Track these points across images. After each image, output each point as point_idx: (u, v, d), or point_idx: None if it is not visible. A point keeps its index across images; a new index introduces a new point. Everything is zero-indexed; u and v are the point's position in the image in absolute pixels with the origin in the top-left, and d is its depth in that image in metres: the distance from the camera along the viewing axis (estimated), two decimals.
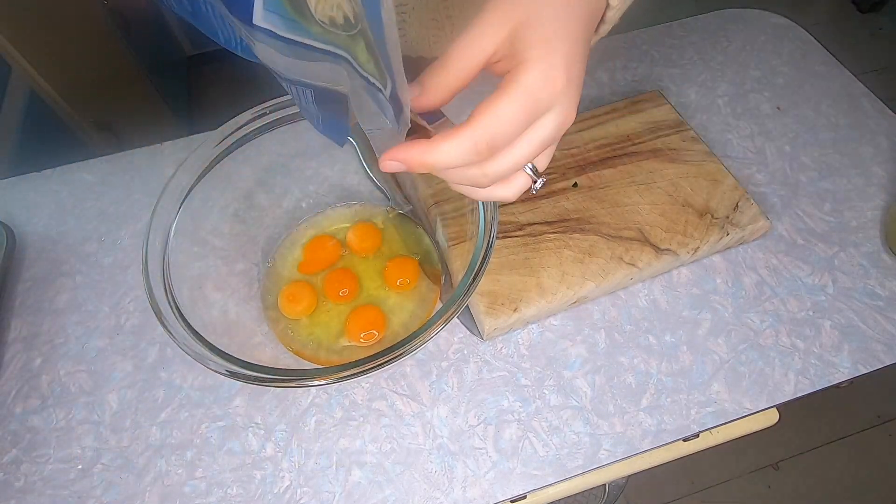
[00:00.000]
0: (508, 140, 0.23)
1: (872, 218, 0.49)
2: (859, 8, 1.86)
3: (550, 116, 0.23)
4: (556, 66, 0.22)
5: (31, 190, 0.54)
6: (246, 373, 0.32)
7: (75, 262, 0.49)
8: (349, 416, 0.41)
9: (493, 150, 0.23)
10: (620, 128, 0.51)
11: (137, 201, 0.52)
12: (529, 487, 0.38)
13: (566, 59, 0.23)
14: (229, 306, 0.41)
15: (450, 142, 0.23)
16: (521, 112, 0.22)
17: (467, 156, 0.23)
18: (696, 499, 1.09)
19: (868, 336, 0.43)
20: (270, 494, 0.38)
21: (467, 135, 0.22)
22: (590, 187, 0.47)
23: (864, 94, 0.57)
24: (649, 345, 0.43)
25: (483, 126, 0.22)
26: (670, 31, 0.64)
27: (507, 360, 0.43)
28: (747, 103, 0.57)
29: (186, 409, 0.41)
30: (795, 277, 0.46)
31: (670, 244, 0.44)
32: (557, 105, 0.23)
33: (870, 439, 1.15)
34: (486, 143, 0.22)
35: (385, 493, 0.38)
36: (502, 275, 0.43)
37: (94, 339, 0.45)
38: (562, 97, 0.23)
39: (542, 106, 0.23)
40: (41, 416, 0.41)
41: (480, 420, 0.40)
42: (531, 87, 0.22)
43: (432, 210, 0.46)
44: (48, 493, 0.39)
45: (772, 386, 0.41)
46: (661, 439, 0.39)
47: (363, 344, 0.42)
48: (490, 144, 0.23)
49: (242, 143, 0.40)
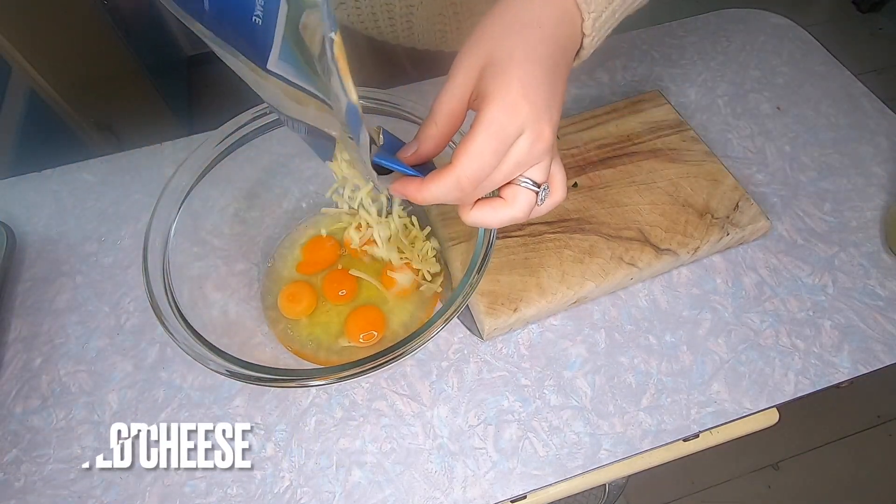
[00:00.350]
0: (487, 172, 0.26)
1: (872, 218, 0.49)
2: (859, 8, 1.86)
3: (521, 140, 0.26)
4: (514, 96, 0.25)
5: (31, 190, 0.54)
6: (246, 373, 0.32)
7: (75, 262, 0.49)
8: (349, 416, 0.41)
9: (475, 184, 0.26)
10: (620, 128, 0.51)
11: (137, 201, 0.52)
12: (529, 487, 0.38)
13: (523, 87, 0.25)
14: (229, 306, 0.41)
15: (436, 183, 0.26)
16: (491, 145, 0.25)
17: (453, 192, 0.26)
18: (696, 499, 1.09)
19: (868, 336, 0.43)
20: (270, 494, 0.38)
21: (451, 175, 0.25)
22: (590, 187, 0.47)
23: (864, 94, 0.57)
24: (649, 345, 0.43)
25: (462, 166, 0.25)
26: (670, 31, 0.64)
27: (507, 360, 0.43)
28: (747, 103, 0.57)
29: (186, 409, 0.41)
30: (795, 277, 0.46)
31: (670, 244, 0.44)
32: (526, 129, 0.25)
33: (870, 439, 1.15)
34: (467, 179, 0.25)
35: (385, 493, 0.38)
36: (502, 275, 0.43)
37: (94, 339, 0.45)
38: (528, 122, 0.25)
39: (511, 133, 0.25)
40: (41, 416, 0.41)
41: (480, 420, 0.40)
42: (495, 120, 0.25)
43: (432, 210, 0.46)
44: (48, 493, 0.39)
45: (772, 386, 0.41)
46: (661, 439, 0.39)
47: (363, 344, 0.42)
48: (471, 179, 0.25)
49: (242, 143, 0.40)
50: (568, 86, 0.61)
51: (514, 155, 0.26)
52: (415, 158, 0.28)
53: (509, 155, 0.26)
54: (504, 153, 0.26)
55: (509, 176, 0.27)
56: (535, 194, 0.28)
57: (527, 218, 0.29)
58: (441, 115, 0.27)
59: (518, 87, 0.25)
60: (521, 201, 0.28)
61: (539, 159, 0.27)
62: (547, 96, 0.26)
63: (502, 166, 0.26)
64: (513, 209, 0.28)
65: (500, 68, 0.25)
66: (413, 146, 0.28)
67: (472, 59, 0.26)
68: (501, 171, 0.26)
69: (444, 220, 0.45)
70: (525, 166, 0.27)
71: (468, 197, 0.27)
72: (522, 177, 0.27)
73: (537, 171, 0.27)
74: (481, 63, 0.26)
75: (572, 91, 0.58)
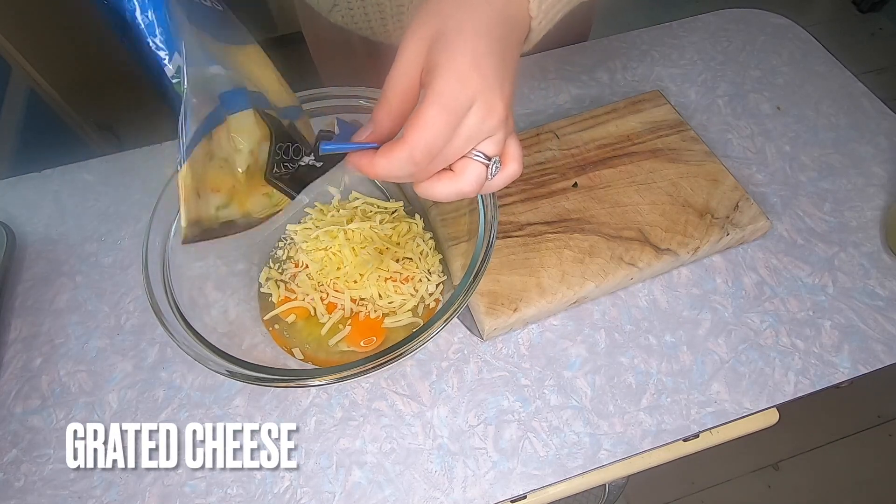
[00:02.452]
0: (440, 145, 0.25)
1: (872, 218, 0.49)
2: (859, 8, 1.86)
3: (472, 113, 0.25)
4: (464, 67, 0.24)
5: (31, 190, 0.54)
6: (246, 373, 0.32)
7: (75, 262, 0.49)
8: (349, 416, 0.41)
9: (428, 157, 0.25)
10: (620, 128, 0.51)
11: (137, 201, 0.52)
12: (529, 487, 0.38)
13: (474, 58, 0.25)
14: (229, 306, 0.41)
15: (388, 157, 0.25)
16: (442, 117, 0.24)
17: (406, 166, 0.25)
18: (696, 499, 1.09)
19: (868, 336, 0.43)
20: (270, 494, 0.38)
21: (403, 149, 0.25)
22: (590, 187, 0.47)
23: (864, 94, 0.57)
24: (649, 345, 0.43)
25: (414, 138, 0.24)
26: (670, 31, 0.64)
27: (507, 360, 0.43)
28: (747, 103, 0.57)
29: (186, 409, 0.41)
30: (795, 277, 0.46)
31: (670, 244, 0.44)
32: (477, 101, 0.25)
33: (870, 439, 1.15)
34: (420, 152, 0.25)
35: (385, 493, 0.38)
36: (502, 275, 0.43)
37: (94, 339, 0.45)
38: (479, 93, 0.25)
39: (462, 104, 0.25)
40: (41, 416, 0.41)
41: (480, 420, 0.40)
42: (445, 91, 0.24)
43: (432, 210, 0.46)
44: (48, 493, 0.39)
45: (772, 386, 0.41)
46: (661, 439, 0.39)
47: (363, 349, 0.42)
48: (424, 152, 0.25)
49: None
50: (568, 86, 0.61)
51: (466, 128, 0.25)
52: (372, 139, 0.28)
53: (461, 128, 0.25)
54: (456, 126, 0.25)
55: (462, 149, 0.26)
56: (485, 168, 0.27)
57: (477, 192, 0.28)
58: (392, 93, 0.26)
59: (469, 59, 0.25)
60: (469, 174, 0.27)
61: (491, 133, 0.26)
62: (498, 69, 0.25)
63: (454, 140, 0.25)
64: (460, 182, 0.27)
65: (450, 40, 0.25)
66: (368, 129, 0.28)
67: (420, 34, 0.26)
68: (453, 144, 0.26)
69: (444, 220, 0.45)
70: (476, 140, 0.26)
71: (422, 172, 0.26)
72: (475, 150, 0.27)
73: (490, 144, 0.27)
74: (429, 38, 0.25)
75: (572, 91, 0.59)
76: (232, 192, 0.25)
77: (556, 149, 0.50)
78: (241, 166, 0.26)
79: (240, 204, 0.26)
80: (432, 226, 0.47)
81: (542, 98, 0.58)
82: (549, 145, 0.50)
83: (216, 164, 0.25)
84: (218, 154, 0.25)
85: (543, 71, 0.60)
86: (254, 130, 0.26)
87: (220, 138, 0.25)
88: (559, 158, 0.49)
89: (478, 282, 0.34)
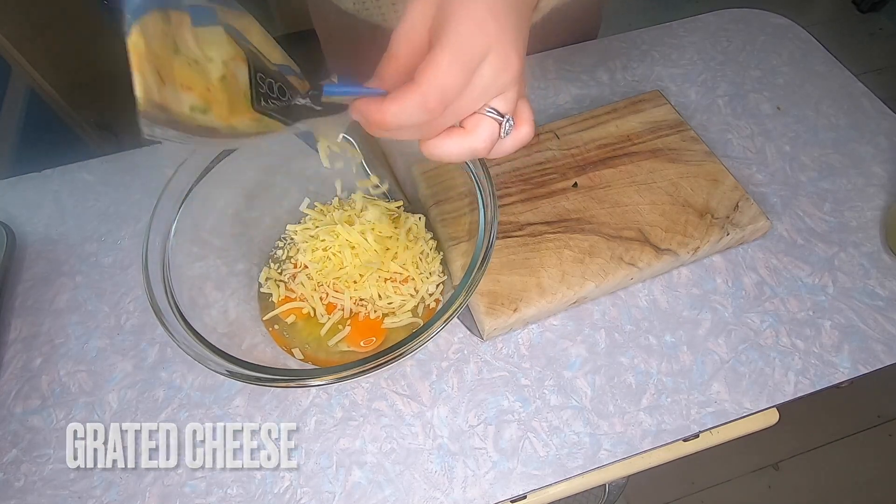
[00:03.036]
0: (454, 94, 0.23)
1: (872, 218, 0.49)
2: (859, 8, 1.86)
3: (487, 64, 0.24)
4: (481, 13, 0.23)
5: (31, 190, 0.54)
6: (246, 373, 0.32)
7: (75, 262, 0.49)
8: (349, 416, 0.41)
9: (444, 105, 0.23)
10: (620, 128, 0.51)
11: (137, 201, 0.52)
12: (529, 487, 0.38)
13: (491, 7, 0.23)
14: (229, 306, 0.41)
15: (399, 103, 0.23)
16: (457, 61, 0.23)
17: (418, 114, 0.23)
18: (696, 499, 1.09)
19: (868, 336, 0.43)
20: (270, 494, 0.38)
21: (416, 93, 0.23)
22: (590, 187, 0.47)
23: (864, 94, 0.57)
24: (649, 345, 0.43)
25: (427, 82, 0.23)
26: (670, 31, 0.64)
27: (507, 360, 0.43)
28: (747, 103, 0.57)
29: (186, 409, 0.41)
30: (795, 277, 0.46)
31: (670, 244, 0.44)
32: (492, 51, 0.24)
33: (870, 439, 1.15)
34: (434, 98, 0.23)
35: (385, 493, 0.38)
36: (502, 275, 0.43)
37: (94, 339, 0.45)
38: (495, 43, 0.23)
39: (477, 52, 0.23)
40: (41, 416, 0.41)
41: (480, 420, 0.40)
42: (461, 36, 0.23)
43: (432, 210, 0.46)
44: (48, 493, 0.39)
45: (772, 386, 0.41)
46: (661, 439, 0.39)
47: (363, 349, 0.42)
48: (438, 99, 0.23)
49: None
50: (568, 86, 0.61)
51: (480, 78, 0.24)
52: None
53: (475, 79, 0.24)
54: (470, 75, 0.23)
55: (475, 102, 0.25)
56: (498, 125, 0.26)
57: (488, 152, 0.27)
58: (399, 45, 0.25)
59: (486, 6, 0.23)
60: (482, 130, 0.26)
61: (505, 88, 0.25)
62: (515, 23, 0.24)
63: (468, 91, 0.24)
64: (473, 139, 0.26)
65: None
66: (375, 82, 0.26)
67: None
68: (467, 96, 0.24)
69: (444, 220, 0.45)
70: (490, 94, 0.25)
71: (435, 123, 0.25)
72: (487, 106, 0.25)
73: (502, 101, 0.25)
74: None
75: (572, 91, 0.59)
76: (208, 98, 0.24)
77: (556, 149, 0.50)
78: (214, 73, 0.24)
79: (220, 116, 0.25)
80: (432, 226, 0.47)
81: (542, 98, 0.58)
82: (550, 145, 0.50)
83: (183, 61, 0.23)
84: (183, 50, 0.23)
85: (543, 71, 0.60)
86: (224, 46, 0.24)
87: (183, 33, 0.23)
88: (559, 158, 0.49)
89: (478, 282, 0.34)
